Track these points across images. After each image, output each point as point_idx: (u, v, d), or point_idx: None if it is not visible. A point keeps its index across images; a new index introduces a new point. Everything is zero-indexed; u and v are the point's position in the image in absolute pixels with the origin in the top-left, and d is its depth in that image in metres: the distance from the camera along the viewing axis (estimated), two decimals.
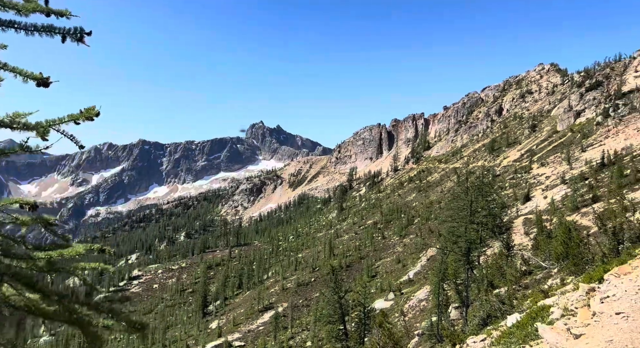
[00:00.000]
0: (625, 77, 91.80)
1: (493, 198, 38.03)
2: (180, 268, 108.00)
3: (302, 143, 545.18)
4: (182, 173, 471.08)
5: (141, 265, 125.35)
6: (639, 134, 63.08)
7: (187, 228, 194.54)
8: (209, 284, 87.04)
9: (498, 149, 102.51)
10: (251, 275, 78.96)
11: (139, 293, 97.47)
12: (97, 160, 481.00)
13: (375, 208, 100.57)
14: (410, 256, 57.25)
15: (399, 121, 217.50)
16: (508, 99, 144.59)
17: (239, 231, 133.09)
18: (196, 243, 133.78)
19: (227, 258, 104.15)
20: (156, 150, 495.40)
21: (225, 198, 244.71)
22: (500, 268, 21.01)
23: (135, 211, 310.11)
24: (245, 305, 64.83)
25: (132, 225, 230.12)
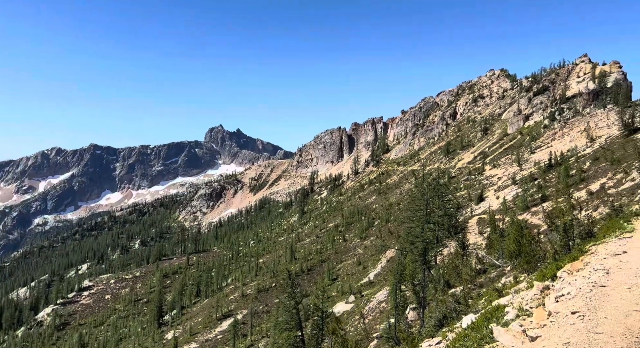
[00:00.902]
0: (569, 83, 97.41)
1: (449, 198, 38.83)
2: (135, 277, 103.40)
3: (263, 146, 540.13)
4: (137, 179, 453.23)
5: (93, 275, 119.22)
6: (582, 136, 66.88)
7: (142, 235, 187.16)
8: (165, 293, 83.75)
9: (453, 151, 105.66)
10: (210, 283, 76.63)
11: (90, 304, 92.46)
12: (44, 166, 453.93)
13: (336, 211, 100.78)
14: (370, 258, 57.53)
15: (359, 125, 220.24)
16: (462, 104, 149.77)
17: (197, 237, 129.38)
18: (152, 251, 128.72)
19: (185, 266, 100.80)
20: (109, 155, 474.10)
21: (183, 204, 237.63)
22: (456, 267, 21.24)
23: (86, 219, 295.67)
24: (203, 313, 62.71)
25: (82, 233, 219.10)
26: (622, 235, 12.60)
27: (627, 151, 43.15)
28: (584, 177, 43.09)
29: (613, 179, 36.96)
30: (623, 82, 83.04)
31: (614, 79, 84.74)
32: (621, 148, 45.71)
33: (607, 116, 70.59)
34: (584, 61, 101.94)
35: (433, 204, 27.82)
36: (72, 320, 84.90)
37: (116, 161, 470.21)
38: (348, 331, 33.93)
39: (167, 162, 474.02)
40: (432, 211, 20.97)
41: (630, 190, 29.49)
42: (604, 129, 66.18)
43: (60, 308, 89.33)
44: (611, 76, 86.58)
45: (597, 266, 10.04)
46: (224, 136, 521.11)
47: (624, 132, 53.53)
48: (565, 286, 9.17)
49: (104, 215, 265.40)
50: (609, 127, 65.87)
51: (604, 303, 8.02)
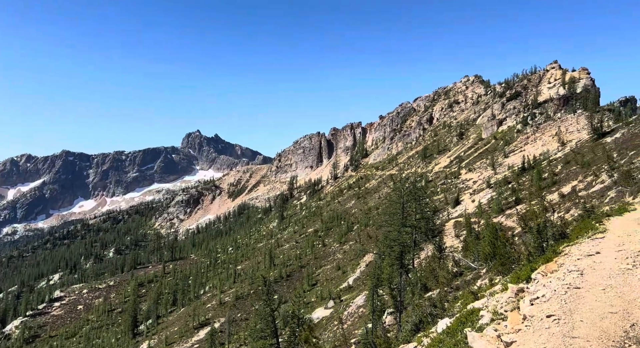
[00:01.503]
0: (540, 88, 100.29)
1: (426, 202, 39.15)
2: (109, 286, 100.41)
3: (242, 152, 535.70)
4: (111, 185, 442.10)
5: (65, 285, 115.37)
6: (554, 141, 68.78)
7: (116, 243, 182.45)
8: (140, 302, 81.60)
9: (430, 156, 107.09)
10: (187, 291, 75.02)
11: (61, 315, 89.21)
12: (13, 173, 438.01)
13: (315, 216, 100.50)
14: (350, 263, 57.44)
15: (338, 130, 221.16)
16: (438, 109, 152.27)
17: (173, 244, 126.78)
18: (127, 260, 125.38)
19: (161, 274, 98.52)
20: (82, 161, 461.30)
21: (159, 211, 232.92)
22: (433, 270, 21.29)
23: (58, 228, 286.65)
24: (179, 322, 61.25)
25: (54, 242, 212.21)
26: (594, 236, 12.71)
27: (597, 154, 44.50)
28: (556, 180, 44.18)
29: (584, 181, 37.98)
30: (592, 87, 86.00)
31: (583, 85, 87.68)
32: (591, 152, 47.14)
33: (577, 121, 72.86)
34: (554, 67, 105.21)
35: (410, 208, 27.92)
36: (43, 332, 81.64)
37: (89, 168, 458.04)
38: (327, 337, 33.62)
39: (142, 168, 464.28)
40: (408, 215, 20.94)
41: (600, 192, 30.30)
42: (574, 134, 68.24)
43: (29, 320, 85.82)
44: (580, 81, 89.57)
45: (571, 267, 10.01)
46: (201, 142, 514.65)
47: (593, 136, 55.28)
48: (540, 289, 9.08)
49: (77, 223, 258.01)
50: (579, 131, 67.97)
51: (579, 305, 7.91)
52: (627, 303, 7.67)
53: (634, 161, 34.36)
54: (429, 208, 40.56)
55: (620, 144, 44.35)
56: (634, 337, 6.68)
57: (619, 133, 49.47)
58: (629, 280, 8.64)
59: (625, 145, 42.44)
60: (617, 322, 7.14)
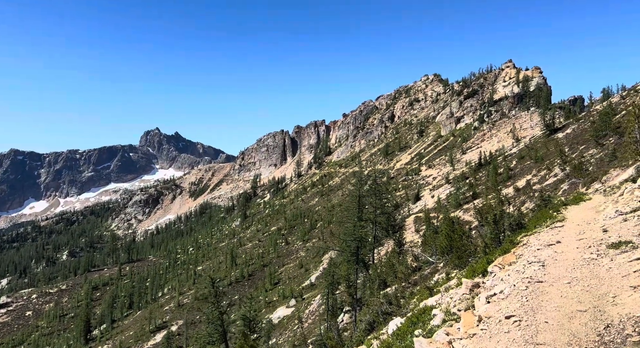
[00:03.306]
0: (496, 87, 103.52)
1: (386, 197, 39.12)
2: (60, 290, 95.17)
3: (204, 150, 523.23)
4: (65, 186, 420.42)
5: (14, 290, 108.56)
6: (509, 137, 71.03)
7: (70, 246, 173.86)
8: (94, 306, 77.83)
9: (392, 153, 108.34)
10: (144, 293, 72.10)
11: (8, 322, 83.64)
12: None
13: (279, 214, 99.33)
14: (312, 261, 56.89)
15: (302, 128, 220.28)
16: (399, 107, 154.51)
17: (130, 246, 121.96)
18: (81, 262, 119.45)
19: (117, 277, 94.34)
20: (32, 161, 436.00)
21: (116, 211, 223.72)
22: (393, 266, 21.02)
23: (6, 230, 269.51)
24: (135, 326, 58.63)
25: (2, 245, 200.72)
26: (553, 225, 12.21)
27: (549, 149, 46.10)
28: (511, 175, 45.44)
29: (537, 175, 39.15)
30: (544, 86, 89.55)
31: (536, 83, 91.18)
32: (544, 147, 48.80)
33: (531, 118, 75.63)
34: (509, 66, 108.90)
35: (369, 202, 27.59)
36: None
37: (41, 167, 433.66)
38: (288, 337, 32.86)
39: (98, 167, 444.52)
40: (364, 208, 20.47)
41: (553, 185, 31.19)
42: (528, 130, 70.77)
43: None
44: (533, 80, 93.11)
45: (531, 258, 9.28)
46: (161, 140, 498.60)
47: (546, 132, 57.38)
48: (498, 284, 8.30)
49: (27, 225, 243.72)
50: (532, 128, 70.54)
51: (543, 302, 6.99)
52: (597, 299, 6.75)
53: (585, 154, 35.68)
54: (389, 203, 40.63)
55: (571, 139, 46.14)
56: (610, 341, 5.63)
57: (569, 129, 51.53)
58: (595, 272, 7.75)
59: (576, 140, 44.17)
60: (587, 322, 6.19)
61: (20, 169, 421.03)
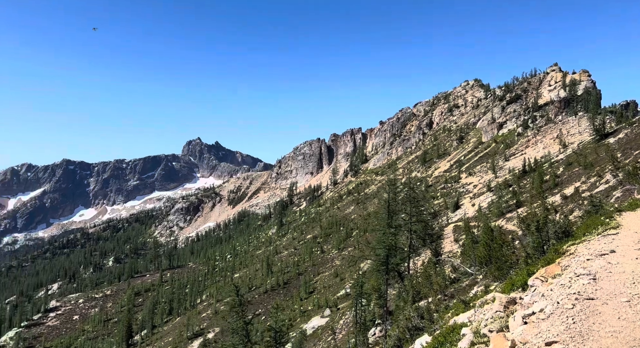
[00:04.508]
0: (540, 91, 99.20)
1: (422, 205, 37.86)
2: (105, 295, 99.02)
3: (243, 159, 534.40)
4: (112, 194, 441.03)
5: (63, 294, 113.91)
6: (555, 143, 67.51)
7: (116, 252, 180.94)
8: (136, 312, 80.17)
9: (430, 160, 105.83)
10: (183, 300, 73.57)
11: (57, 326, 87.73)
12: (14, 183, 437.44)
13: (315, 222, 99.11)
14: (348, 270, 56.00)
15: (338, 136, 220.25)
16: (437, 113, 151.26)
17: (172, 252, 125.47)
18: (125, 268, 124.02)
19: (158, 283, 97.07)
20: (82, 170, 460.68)
21: (159, 219, 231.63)
22: (429, 276, 20.03)
23: (58, 237, 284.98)
24: (174, 332, 59.76)
25: (54, 251, 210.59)
26: (605, 232, 10.68)
27: (600, 155, 43.24)
28: (558, 182, 42.90)
29: (587, 183, 36.68)
30: (593, 89, 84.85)
31: (584, 87, 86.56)
32: (593, 153, 45.87)
33: (579, 123, 71.65)
34: (554, 70, 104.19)
35: (406, 210, 26.66)
36: (37, 343, 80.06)
37: (90, 176, 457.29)
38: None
39: (143, 176, 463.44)
40: (394, 214, 19.63)
41: (605, 192, 29.01)
42: (575, 136, 66.99)
43: (24, 331, 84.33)
44: (581, 84, 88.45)
45: (580, 270, 7.76)
46: (202, 149, 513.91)
47: (596, 137, 54.05)
48: (538, 300, 6.97)
49: (77, 232, 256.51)
50: (580, 133, 66.73)
51: (595, 326, 5.45)
52: None
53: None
54: (426, 211, 39.28)
55: (624, 144, 43.09)
56: None
57: (622, 134, 48.21)
58: None
59: (629, 145, 41.19)
60: None
61: (71, 178, 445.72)
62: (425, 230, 31.57)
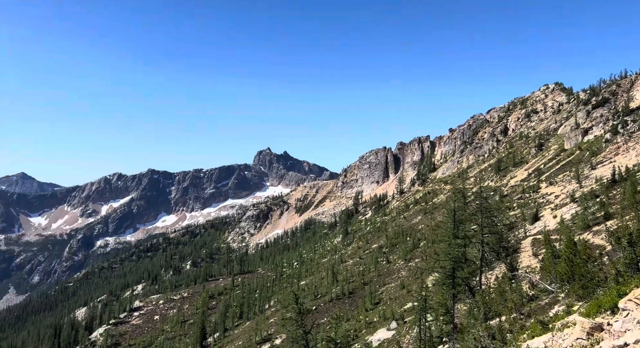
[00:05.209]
0: (632, 94, 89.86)
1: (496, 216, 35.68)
2: (183, 297, 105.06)
3: (309, 168, 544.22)
4: (191, 201, 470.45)
5: (146, 295, 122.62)
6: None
7: (193, 256, 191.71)
8: (210, 314, 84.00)
9: (504, 169, 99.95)
10: (252, 305, 75.92)
11: (140, 325, 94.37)
12: (106, 191, 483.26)
13: (380, 232, 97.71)
14: (415, 282, 54.28)
15: (405, 144, 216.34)
16: (513, 119, 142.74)
17: (243, 258, 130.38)
18: (200, 272, 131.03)
19: (230, 287, 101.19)
20: (165, 179, 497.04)
21: (232, 225, 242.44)
22: (503, 293, 18.68)
23: (143, 241, 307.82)
24: (244, 336, 61.78)
25: (139, 254, 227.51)
26: None
27: None
28: None
29: None
30: None
31: None
32: None
33: None
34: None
35: (477, 221, 25.32)
36: (123, 340, 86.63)
37: (171, 185, 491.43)
38: None
39: (218, 185, 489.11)
40: (461, 224, 18.59)
41: None
42: None
43: (112, 328, 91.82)
44: None
45: None
46: (271, 159, 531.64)
47: None
48: (632, 328, 5.64)
49: (159, 237, 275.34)
50: None
51: None
52: None
53: None
54: (501, 222, 36.98)
55: None
56: None
57: None
58: None
59: None
60: None
61: (156, 186, 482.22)
62: (499, 242, 29.69)
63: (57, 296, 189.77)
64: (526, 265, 32.05)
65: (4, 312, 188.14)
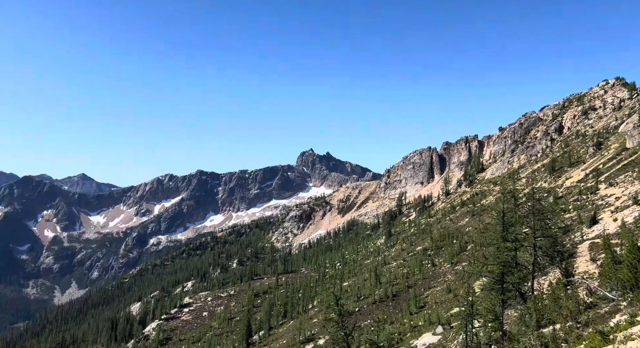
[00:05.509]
0: None
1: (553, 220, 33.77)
2: (229, 295, 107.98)
3: (352, 169, 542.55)
4: (237, 202, 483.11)
5: (196, 292, 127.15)
6: None
7: (239, 255, 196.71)
8: (255, 312, 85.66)
9: (559, 169, 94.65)
10: (296, 304, 76.68)
11: (189, 321, 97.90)
12: (159, 191, 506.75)
13: (425, 234, 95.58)
14: (462, 286, 52.57)
15: (451, 144, 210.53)
16: (569, 117, 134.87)
17: (286, 258, 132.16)
18: (246, 271, 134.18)
19: (274, 286, 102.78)
20: (212, 180, 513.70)
21: (275, 225, 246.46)
22: (557, 299, 17.61)
23: (192, 239, 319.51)
24: (288, 335, 62.50)
25: (189, 252, 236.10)
26: None
27: None
28: None
29: None
30: None
31: None
32: None
33: None
34: None
35: (529, 224, 24.15)
36: (174, 335, 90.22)
37: (219, 186, 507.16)
38: None
39: (262, 186, 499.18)
40: (510, 226, 17.68)
41: None
42: None
43: (164, 323, 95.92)
44: None
45: None
46: (314, 160, 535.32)
47: None
48: None
49: (208, 236, 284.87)
50: None
51: None
52: None
53: None
54: (555, 226, 35.01)
55: None
56: None
57: None
58: None
59: None
60: None
61: (204, 187, 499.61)
62: (553, 246, 28.09)
63: (114, 291, 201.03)
64: (583, 271, 30.14)
65: (67, 305, 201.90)
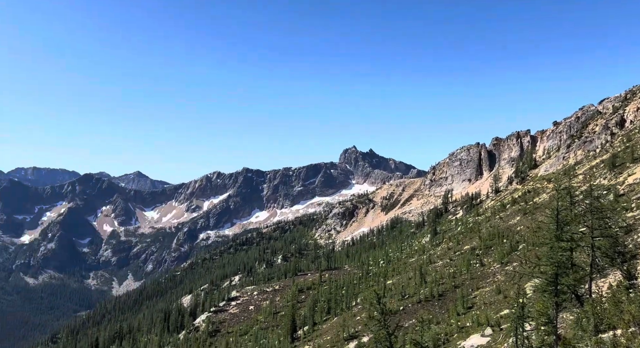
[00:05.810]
0: None
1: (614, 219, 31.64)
2: (274, 290, 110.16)
3: (395, 166, 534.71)
4: (281, 198, 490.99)
5: (242, 285, 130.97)
6: None
7: (283, 251, 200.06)
8: (299, 308, 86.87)
9: (620, 165, 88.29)
10: (339, 301, 76.93)
11: (236, 314, 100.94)
12: (207, 188, 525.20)
13: (473, 233, 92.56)
14: (512, 287, 50.48)
15: (501, 140, 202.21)
16: (632, 109, 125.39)
17: (329, 254, 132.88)
18: (290, 266, 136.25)
19: (318, 282, 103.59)
20: (257, 177, 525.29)
21: (319, 222, 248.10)
22: (618, 303, 16.50)
23: (239, 235, 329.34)
24: (331, 331, 62.87)
25: (236, 247, 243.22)
26: None
27: None
28: None
29: None
30: None
31: None
32: None
33: None
34: None
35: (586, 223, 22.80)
36: (222, 327, 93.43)
37: (264, 183, 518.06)
38: None
39: (306, 183, 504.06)
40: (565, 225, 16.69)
41: None
42: None
43: (212, 316, 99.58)
44: None
45: None
46: (357, 157, 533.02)
47: None
48: None
49: (253, 232, 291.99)
50: None
51: None
52: None
53: None
54: (616, 225, 32.77)
55: None
56: None
57: None
58: None
59: None
60: None
61: (250, 184, 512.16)
62: (613, 246, 26.32)
63: (166, 283, 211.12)
64: None
65: (124, 296, 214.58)
